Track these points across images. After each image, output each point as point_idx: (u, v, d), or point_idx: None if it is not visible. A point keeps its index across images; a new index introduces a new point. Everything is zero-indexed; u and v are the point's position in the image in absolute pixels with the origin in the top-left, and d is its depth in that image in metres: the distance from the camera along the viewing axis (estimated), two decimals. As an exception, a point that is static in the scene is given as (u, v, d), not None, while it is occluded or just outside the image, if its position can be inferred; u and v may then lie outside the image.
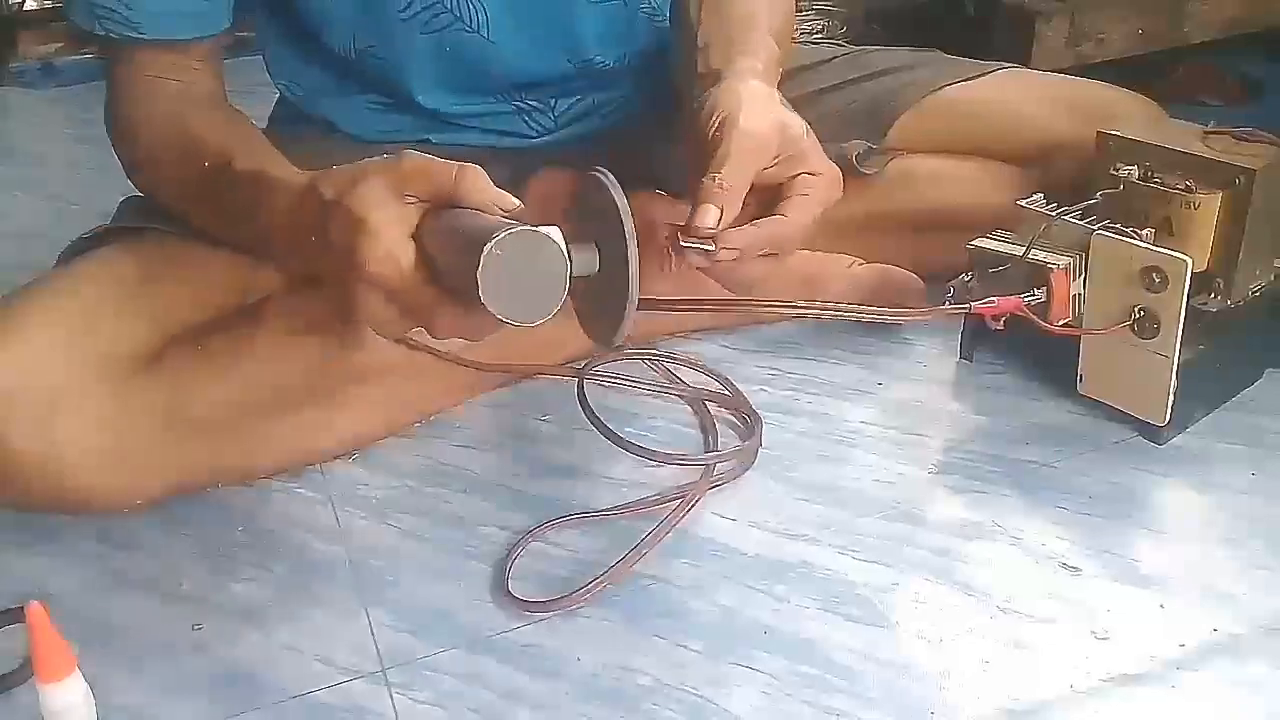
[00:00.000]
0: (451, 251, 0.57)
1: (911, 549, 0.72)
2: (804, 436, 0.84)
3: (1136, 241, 0.76)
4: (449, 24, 0.83)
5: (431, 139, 0.89)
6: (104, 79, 0.81)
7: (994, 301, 0.75)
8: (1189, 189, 0.77)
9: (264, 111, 0.94)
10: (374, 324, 0.62)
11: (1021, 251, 0.77)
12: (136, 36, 0.75)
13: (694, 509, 0.75)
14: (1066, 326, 0.78)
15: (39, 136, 1.74)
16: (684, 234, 0.65)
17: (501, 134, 0.91)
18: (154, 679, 0.65)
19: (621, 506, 0.76)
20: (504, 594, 0.69)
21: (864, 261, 0.96)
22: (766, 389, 0.89)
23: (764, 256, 0.67)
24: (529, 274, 0.53)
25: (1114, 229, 0.77)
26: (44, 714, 0.48)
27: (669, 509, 0.74)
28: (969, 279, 0.80)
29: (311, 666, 0.65)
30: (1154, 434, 0.80)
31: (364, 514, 0.78)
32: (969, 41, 1.26)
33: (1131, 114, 0.92)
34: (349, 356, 0.79)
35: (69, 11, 0.78)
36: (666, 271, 0.85)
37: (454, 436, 0.85)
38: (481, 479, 0.81)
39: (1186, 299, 0.74)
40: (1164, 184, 0.78)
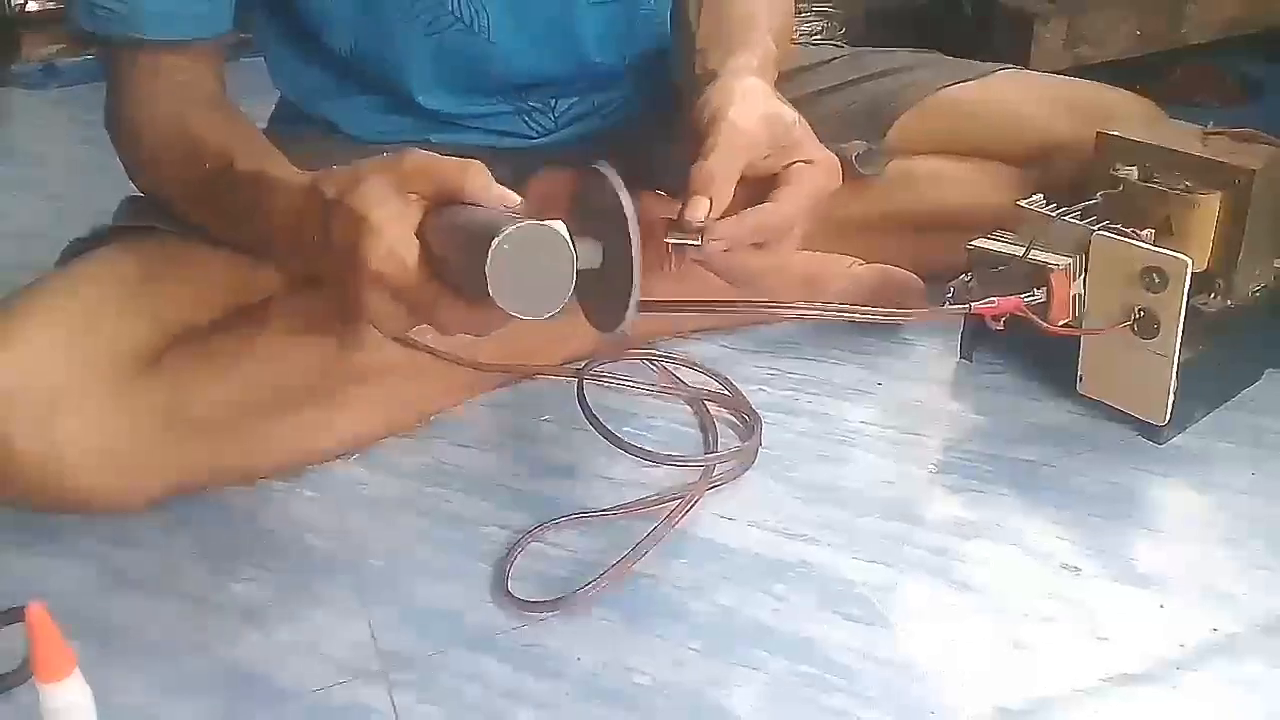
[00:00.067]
0: (456, 248, 0.57)
1: (911, 548, 0.72)
2: (804, 436, 0.84)
3: (1136, 242, 0.76)
4: (450, 25, 0.83)
5: (432, 139, 0.89)
6: (105, 80, 0.81)
7: (994, 302, 0.75)
8: (1188, 189, 0.77)
9: (264, 112, 0.94)
10: (378, 322, 0.62)
11: (1021, 252, 0.77)
12: (138, 37, 0.75)
13: (694, 509, 0.75)
14: (1066, 327, 0.78)
15: (40, 137, 1.74)
16: (674, 227, 0.65)
17: (502, 134, 0.91)
18: (154, 679, 0.65)
19: (621, 507, 0.76)
20: (504, 594, 0.69)
21: (864, 262, 0.96)
22: (766, 389, 0.89)
23: (758, 247, 0.67)
24: (536, 268, 0.53)
25: (1114, 229, 0.77)
26: (44, 714, 0.47)
27: (669, 509, 0.74)
28: (969, 279, 0.80)
29: (311, 666, 0.65)
30: (1154, 434, 0.80)
31: (364, 514, 0.78)
32: (968, 43, 1.26)
33: (1131, 115, 0.92)
34: (349, 356, 0.79)
35: (71, 13, 0.78)
36: (667, 271, 0.85)
37: (454, 436, 0.85)
38: (481, 479, 0.81)
39: (1186, 299, 0.74)
40: (1164, 184, 0.78)
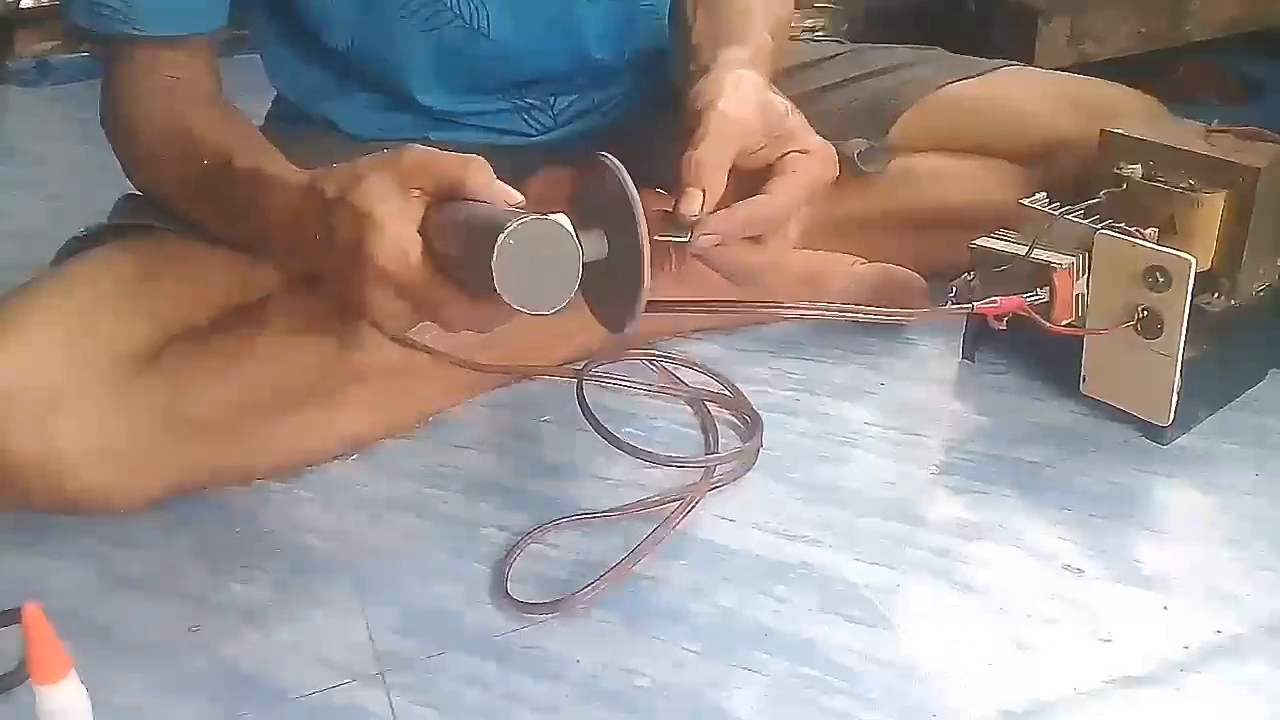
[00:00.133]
0: (460, 244, 0.57)
1: (913, 549, 0.72)
2: (805, 437, 0.83)
3: (1140, 241, 0.75)
4: (449, 22, 0.83)
5: (431, 137, 0.89)
6: (100, 76, 0.80)
7: (996, 301, 0.75)
8: (1192, 188, 0.77)
9: (261, 110, 0.94)
10: (381, 320, 0.61)
11: (1024, 251, 0.77)
12: (134, 33, 0.75)
13: (694, 510, 0.75)
14: (1069, 326, 0.78)
15: (37, 135, 1.74)
16: (666, 221, 0.64)
17: (501, 132, 0.91)
18: (154, 679, 0.65)
19: (621, 508, 0.76)
20: (503, 595, 0.69)
21: (866, 261, 0.95)
22: (767, 389, 0.89)
23: (753, 241, 0.66)
24: (542, 262, 0.53)
25: (1117, 228, 0.76)
26: (40, 715, 0.47)
27: (669, 510, 0.74)
28: (971, 278, 0.80)
29: (311, 666, 0.65)
30: (1157, 434, 0.80)
31: (364, 514, 0.77)
32: (970, 39, 1.26)
33: (1134, 112, 0.91)
34: (348, 356, 0.79)
35: (67, 9, 0.78)
36: (667, 270, 0.85)
37: (454, 437, 0.85)
38: (481, 479, 0.80)
39: (1190, 298, 0.73)
40: (1167, 183, 0.78)
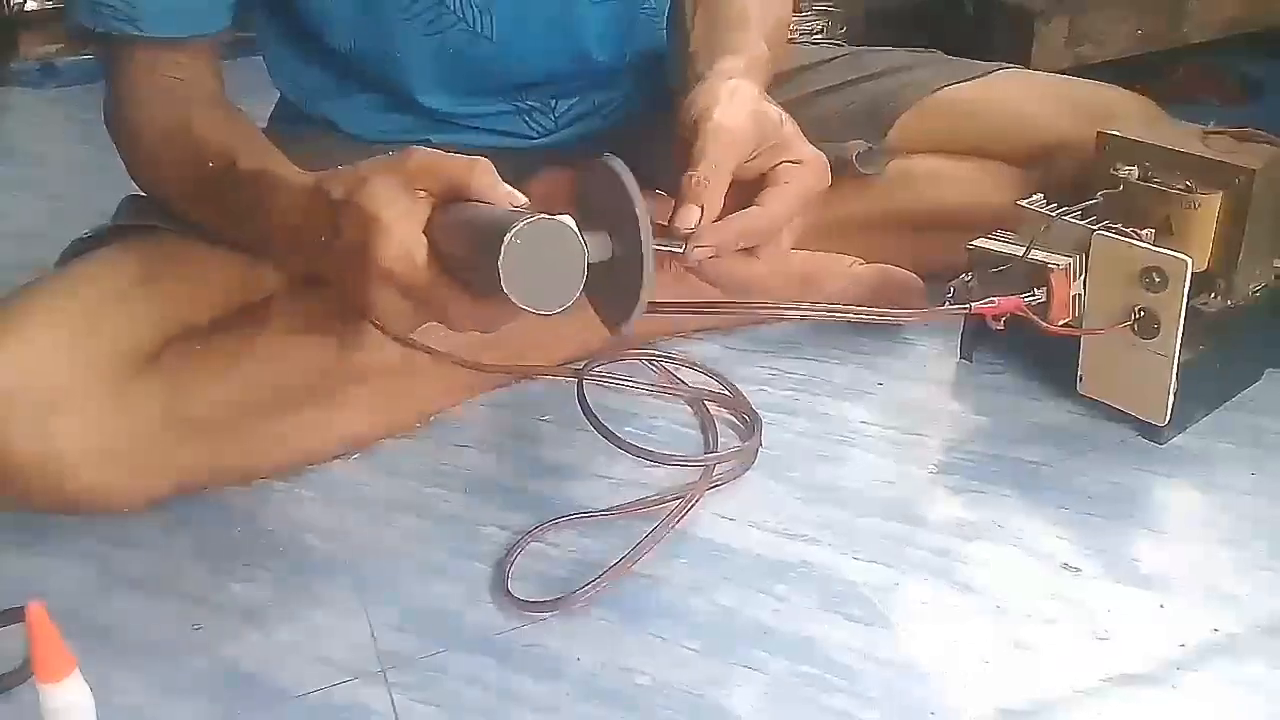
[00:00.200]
0: (466, 245, 0.57)
1: (912, 549, 0.72)
2: (804, 436, 0.84)
3: (1137, 242, 0.76)
4: (451, 24, 0.83)
5: (432, 139, 0.89)
6: (103, 78, 0.81)
7: (994, 302, 0.75)
8: (1189, 189, 0.77)
9: (263, 111, 0.94)
10: (386, 321, 0.61)
11: (1022, 252, 0.77)
12: (137, 34, 0.75)
13: (694, 509, 0.75)
14: (1067, 326, 0.78)
15: (39, 137, 1.74)
16: (661, 233, 0.64)
17: (502, 134, 0.91)
18: (154, 679, 0.65)
19: (621, 507, 0.76)
20: (504, 594, 0.69)
21: (864, 261, 0.96)
22: (766, 389, 0.89)
23: (747, 252, 0.65)
24: (548, 262, 0.54)
25: (1114, 229, 0.77)
26: (44, 714, 0.47)
27: (669, 509, 0.74)
28: (969, 279, 0.80)
29: (312, 666, 0.65)
30: (1154, 434, 0.80)
31: (364, 514, 0.78)
32: (968, 42, 1.26)
33: (1131, 114, 0.92)
34: (349, 356, 0.79)
35: (70, 10, 0.78)
36: (666, 271, 0.85)
37: (454, 436, 0.85)
38: (481, 479, 0.81)
39: (1186, 299, 0.74)
40: (1164, 184, 0.78)
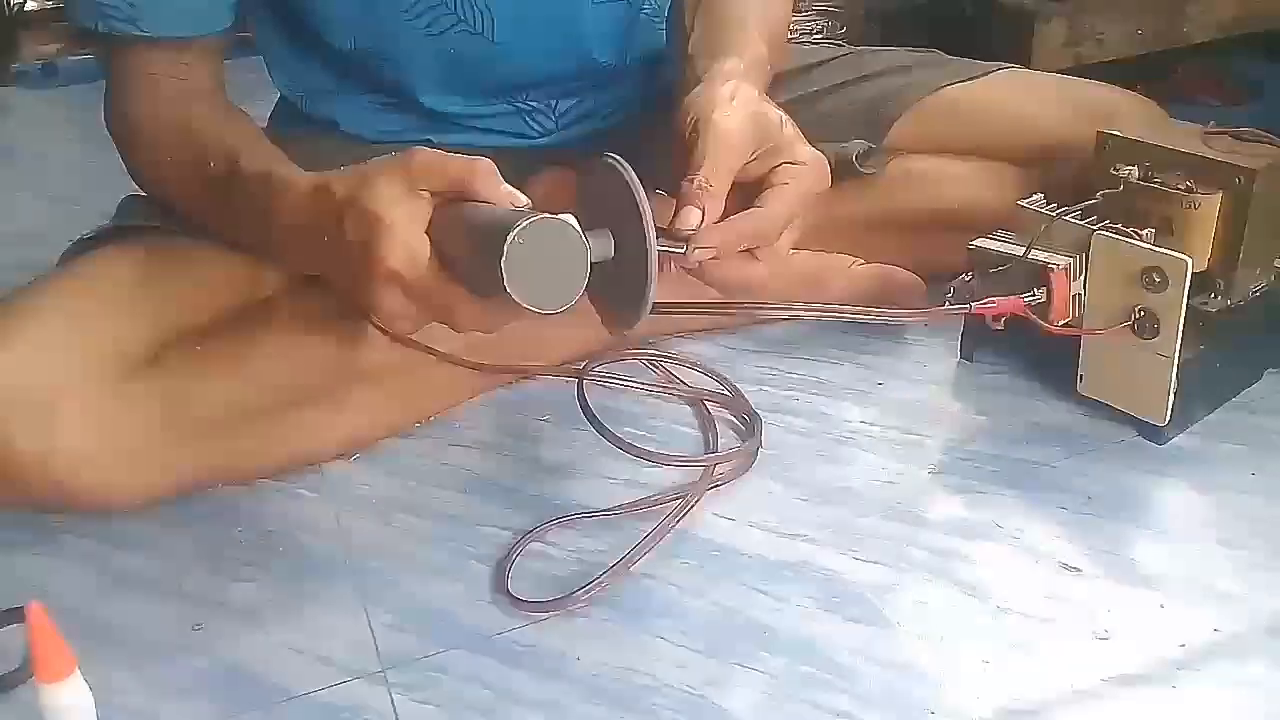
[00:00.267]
0: (468, 245, 0.57)
1: (911, 549, 0.72)
2: (804, 437, 0.84)
3: (1137, 242, 0.76)
4: (452, 25, 0.83)
5: (433, 139, 0.89)
6: (104, 78, 0.81)
7: (994, 302, 0.75)
8: (1189, 189, 0.77)
9: (264, 111, 0.94)
10: (389, 321, 0.62)
11: (1022, 252, 0.77)
12: (138, 34, 0.75)
13: (694, 509, 0.75)
14: (1067, 327, 0.78)
15: (40, 137, 1.74)
16: (662, 235, 0.64)
17: (503, 134, 0.91)
18: (154, 679, 0.65)
19: (621, 507, 0.76)
20: (504, 594, 0.69)
21: (865, 262, 0.96)
22: (766, 389, 0.89)
23: (748, 253, 0.66)
24: (550, 262, 0.54)
25: (1114, 229, 0.77)
26: (44, 714, 0.47)
27: (669, 509, 0.74)
28: (969, 279, 0.80)
29: (311, 666, 0.65)
30: (1154, 434, 0.80)
31: (364, 514, 0.78)
32: (968, 42, 1.26)
33: (1132, 114, 0.92)
34: (350, 357, 0.79)
35: (71, 10, 0.78)
36: (666, 272, 0.85)
37: (454, 436, 0.85)
38: (481, 479, 0.81)
39: (1187, 299, 0.74)
40: (1164, 184, 0.78)
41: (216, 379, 0.76)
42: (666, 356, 0.92)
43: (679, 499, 0.75)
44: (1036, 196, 0.83)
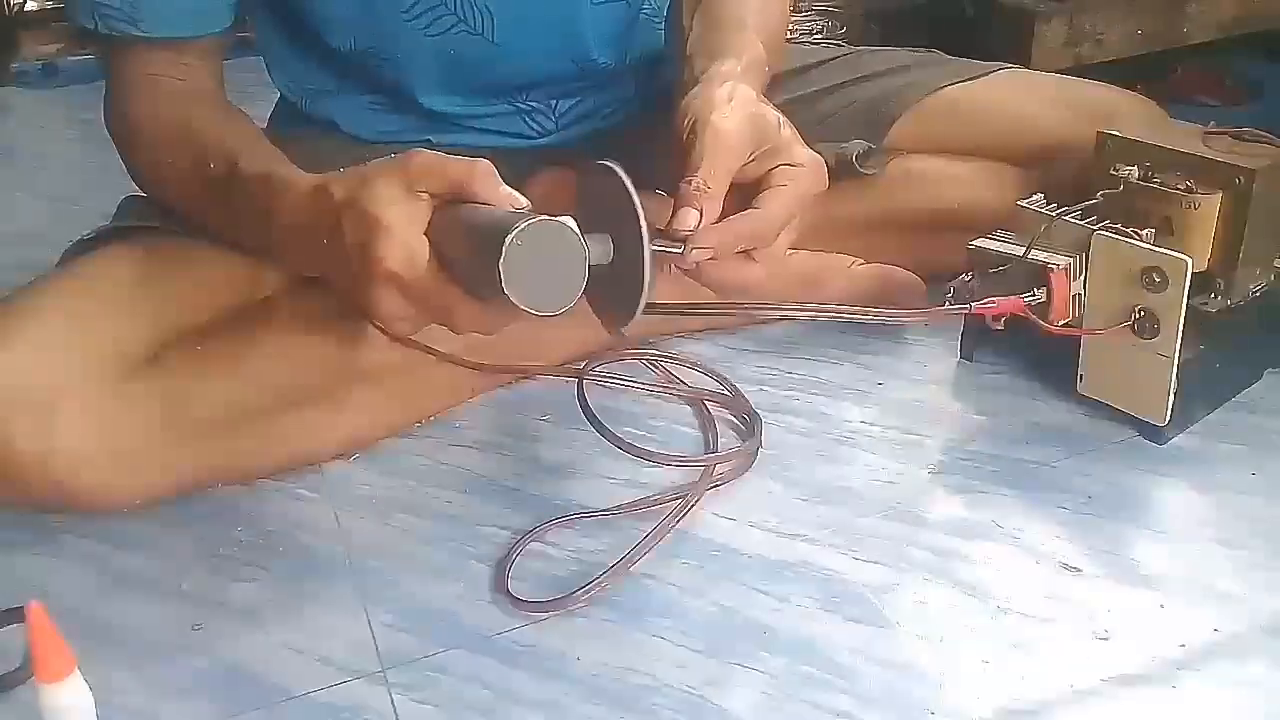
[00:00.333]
0: (467, 246, 0.57)
1: (911, 549, 0.72)
2: (804, 437, 0.84)
3: (1137, 242, 0.76)
4: (452, 26, 0.83)
5: (432, 140, 0.89)
6: (103, 78, 0.81)
7: (994, 302, 0.75)
8: (1189, 189, 0.77)
9: (264, 111, 0.94)
10: (388, 322, 0.62)
11: (1022, 252, 0.77)
12: (138, 35, 0.75)
13: (694, 509, 0.75)
14: (1067, 327, 0.78)
15: (40, 137, 1.74)
16: (660, 235, 0.63)
17: (502, 135, 0.92)
18: (154, 679, 0.65)
19: (621, 507, 0.76)
20: (504, 594, 0.69)
21: (864, 262, 0.96)
22: (766, 389, 0.89)
23: (745, 254, 0.66)
24: (549, 264, 0.54)
25: (1114, 229, 0.77)
26: (44, 714, 0.47)
27: (669, 509, 0.74)
28: (969, 279, 0.80)
29: (311, 666, 0.65)
30: (1154, 434, 0.80)
31: (364, 514, 0.78)
32: (968, 42, 1.26)
33: (1132, 114, 0.92)
34: (350, 357, 0.79)
35: (70, 10, 0.78)
36: (665, 273, 0.85)
37: (454, 436, 0.85)
38: (481, 479, 0.81)
39: (1187, 299, 0.74)
40: (1164, 184, 0.78)
41: (216, 379, 0.76)
42: (666, 356, 0.92)
43: (679, 499, 0.75)
44: (1036, 196, 0.83)
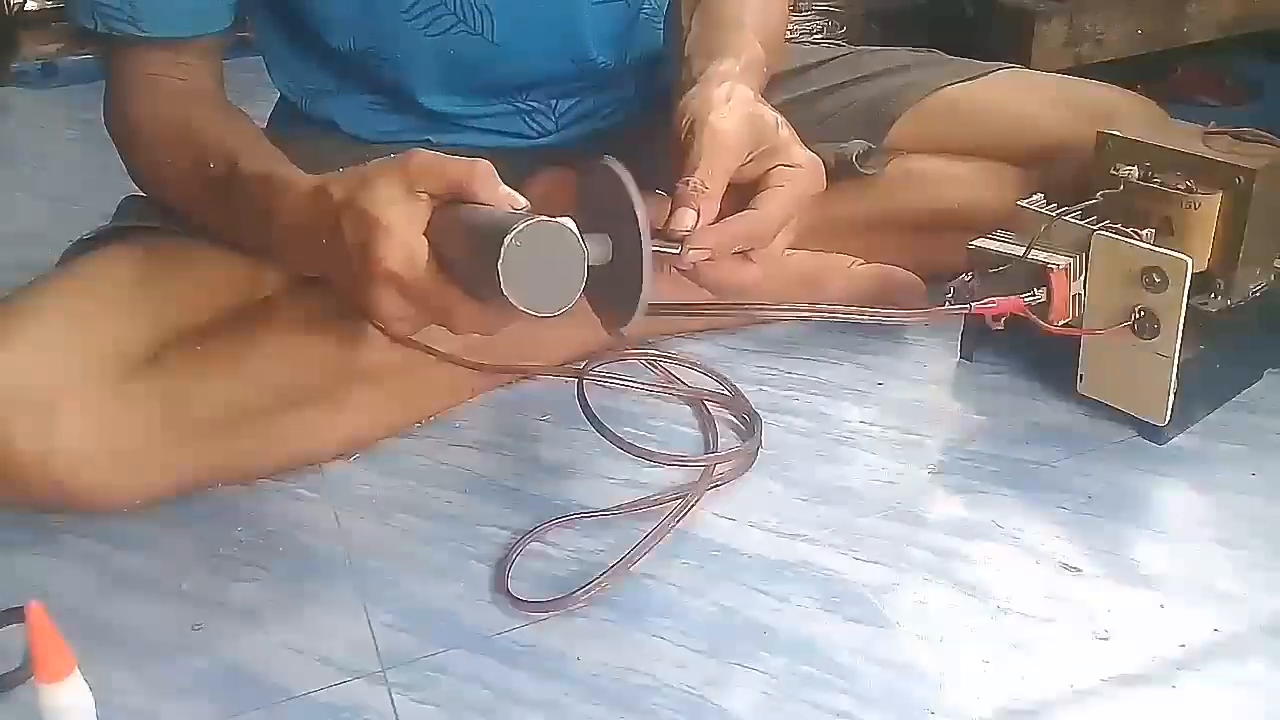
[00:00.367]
0: (466, 247, 0.57)
1: (911, 549, 0.72)
2: (804, 437, 0.84)
3: (1137, 242, 0.76)
4: (451, 26, 0.83)
5: (432, 140, 0.89)
6: (103, 77, 0.81)
7: (994, 302, 0.75)
8: (1189, 189, 0.77)
9: (264, 111, 0.94)
10: (387, 323, 0.62)
11: (1022, 252, 0.77)
12: (138, 34, 0.75)
13: (694, 509, 0.75)
14: (1067, 327, 0.78)
15: (40, 137, 1.74)
16: (657, 236, 0.63)
17: (502, 135, 0.92)
18: (154, 679, 0.65)
19: (621, 507, 0.76)
20: (504, 594, 0.69)
21: (864, 262, 0.96)
22: (766, 389, 0.89)
23: (742, 255, 0.66)
24: (548, 265, 0.54)
25: (1114, 229, 0.77)
26: (43, 714, 0.47)
27: (669, 509, 0.74)
28: (969, 279, 0.80)
29: (311, 666, 0.65)
30: (1154, 434, 0.80)
31: (364, 514, 0.78)
32: (968, 42, 1.26)
33: (1132, 114, 0.92)
34: (350, 356, 0.79)
35: (70, 10, 0.78)
36: (665, 273, 0.85)
37: (454, 436, 0.85)
38: (481, 479, 0.81)
39: (1187, 299, 0.74)
40: (1164, 184, 0.78)
41: (216, 379, 0.76)
42: (666, 356, 0.92)
43: (679, 499, 0.75)
44: (1036, 196, 0.83)
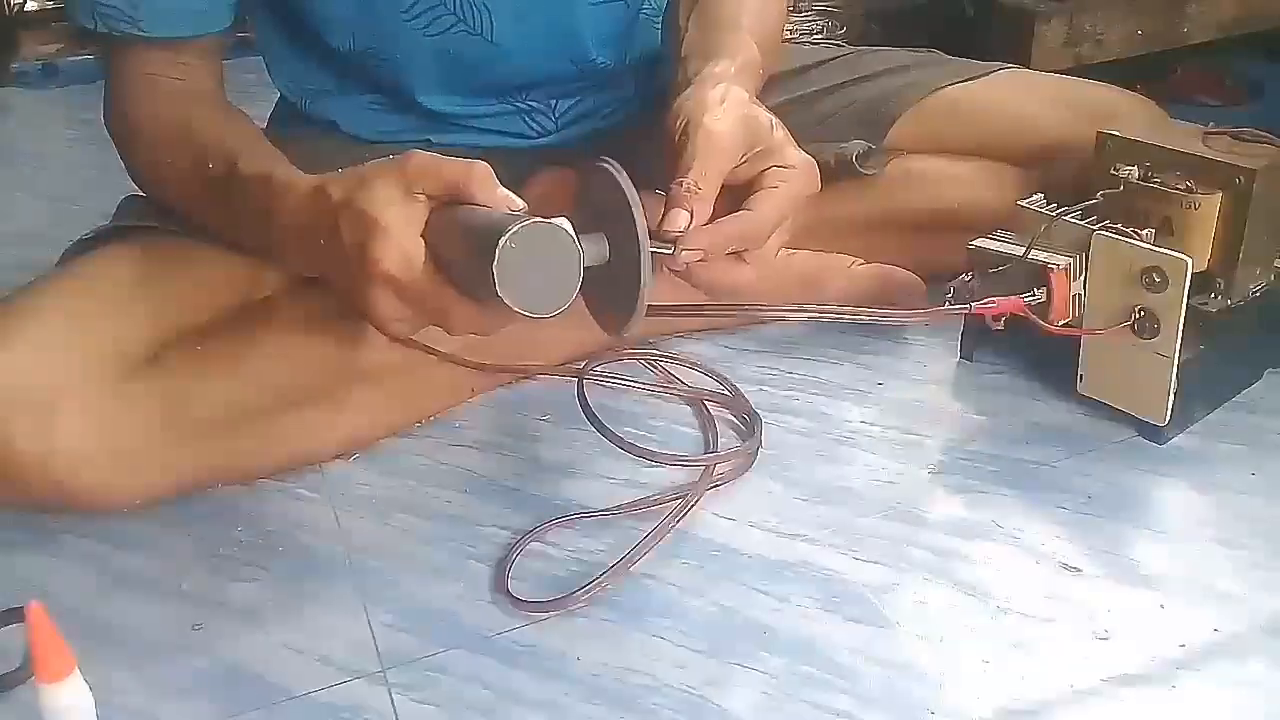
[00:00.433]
0: (462, 247, 0.57)
1: (911, 549, 0.72)
2: (804, 437, 0.84)
3: (1137, 242, 0.76)
4: (451, 25, 0.83)
5: (432, 139, 0.90)
6: (103, 78, 0.81)
7: (994, 302, 0.75)
8: (1189, 189, 0.77)
9: (264, 111, 0.94)
10: (385, 323, 0.62)
11: (1022, 252, 0.77)
12: (138, 34, 0.75)
13: (694, 509, 0.75)
14: (1067, 327, 0.78)
15: (39, 137, 1.74)
16: (652, 239, 0.64)
17: (502, 135, 0.92)
18: (154, 679, 0.65)
19: (621, 507, 0.76)
20: (504, 594, 0.69)
21: (864, 262, 0.96)
22: (766, 389, 0.89)
23: (736, 256, 0.66)
24: (543, 266, 0.53)
25: (1114, 229, 0.77)
26: (44, 714, 0.47)
27: (669, 509, 0.74)
28: (969, 279, 0.80)
29: (311, 666, 0.65)
30: (1154, 434, 0.80)
31: (364, 514, 0.78)
32: (968, 42, 1.26)
33: (1132, 114, 0.92)
34: (349, 357, 0.79)
35: (70, 10, 0.78)
36: (659, 273, 0.85)
37: (454, 436, 0.85)
38: (481, 479, 0.81)
39: (1186, 299, 0.74)
40: (1164, 184, 0.78)
41: (216, 379, 0.76)
42: (666, 356, 0.92)
43: (679, 499, 0.75)
44: (1036, 196, 0.83)
